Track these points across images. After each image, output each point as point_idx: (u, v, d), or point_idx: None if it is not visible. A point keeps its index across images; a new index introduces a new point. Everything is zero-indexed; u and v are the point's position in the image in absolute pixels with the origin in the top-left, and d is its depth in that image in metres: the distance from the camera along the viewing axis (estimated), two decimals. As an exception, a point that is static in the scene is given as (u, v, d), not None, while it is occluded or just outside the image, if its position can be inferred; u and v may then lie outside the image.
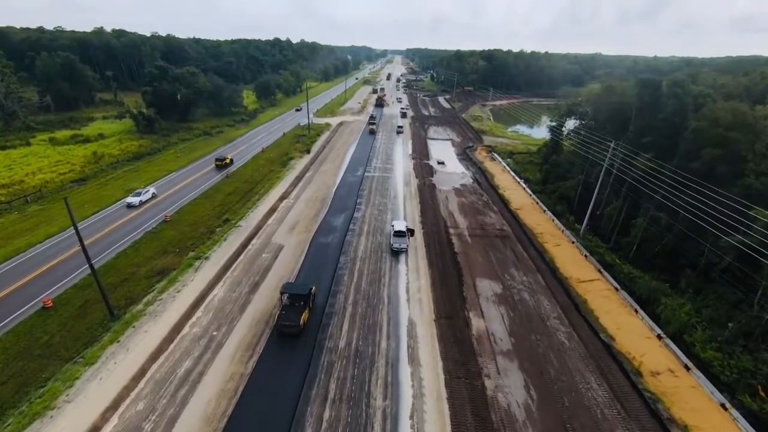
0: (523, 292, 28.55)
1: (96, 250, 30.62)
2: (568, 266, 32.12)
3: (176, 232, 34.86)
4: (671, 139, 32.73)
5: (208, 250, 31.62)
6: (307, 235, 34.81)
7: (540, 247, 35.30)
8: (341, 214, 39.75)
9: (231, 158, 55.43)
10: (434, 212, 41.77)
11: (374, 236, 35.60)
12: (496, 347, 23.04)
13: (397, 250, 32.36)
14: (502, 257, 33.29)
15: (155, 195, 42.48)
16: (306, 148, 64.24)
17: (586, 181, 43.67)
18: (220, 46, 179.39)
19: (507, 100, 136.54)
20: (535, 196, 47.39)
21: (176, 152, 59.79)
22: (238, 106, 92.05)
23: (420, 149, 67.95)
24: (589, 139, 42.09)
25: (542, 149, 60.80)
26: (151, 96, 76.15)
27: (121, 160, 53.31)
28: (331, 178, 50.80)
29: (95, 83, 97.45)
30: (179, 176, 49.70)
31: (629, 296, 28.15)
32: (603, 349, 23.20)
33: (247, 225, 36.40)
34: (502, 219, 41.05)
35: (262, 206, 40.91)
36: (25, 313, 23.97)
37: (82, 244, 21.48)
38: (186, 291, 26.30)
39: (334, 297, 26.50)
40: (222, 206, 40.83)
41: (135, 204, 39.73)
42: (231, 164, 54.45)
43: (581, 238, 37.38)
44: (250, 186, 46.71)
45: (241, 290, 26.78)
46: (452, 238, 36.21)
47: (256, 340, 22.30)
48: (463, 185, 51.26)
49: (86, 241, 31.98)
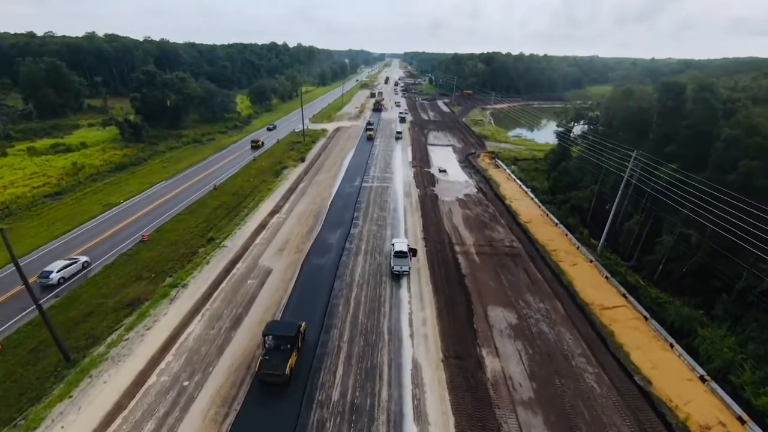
0: (541, 322, 25.29)
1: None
2: (588, 290, 28.91)
3: (154, 253, 31.51)
4: (699, 148, 29.67)
5: (188, 276, 28.27)
6: (299, 256, 31.51)
7: (555, 267, 32.10)
8: (337, 231, 36.49)
9: (262, 141, 69.84)
10: (437, 227, 38.58)
11: (373, 256, 32.33)
12: (516, 395, 19.75)
13: (398, 273, 29.10)
14: (515, 280, 30.05)
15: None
16: (300, 156, 61.07)
17: (601, 192, 40.59)
18: (215, 51, 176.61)
19: (507, 104, 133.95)
20: (545, 207, 44.28)
21: (162, 162, 56.49)
22: (231, 111, 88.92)
23: (420, 156, 64.87)
24: (601, 146, 39.10)
25: (549, 156, 57.72)
26: (140, 102, 73.05)
27: (103, 172, 49.98)
28: (326, 189, 47.58)
29: (83, 89, 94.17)
30: (163, 189, 46.36)
31: (661, 326, 24.96)
32: (640, 396, 19.94)
33: (232, 245, 33.09)
34: (511, 234, 37.87)
35: (250, 222, 37.63)
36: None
37: (26, 282, 18.10)
38: (157, 328, 22.93)
39: (327, 333, 23.19)
40: (207, 223, 37.53)
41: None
42: (262, 146, 68.09)
43: (599, 255, 34.23)
44: (239, 199, 43.42)
45: (221, 326, 23.42)
46: (458, 257, 32.98)
47: (234, 392, 18.94)
48: (467, 195, 48.12)
49: (50, 267, 29.05)
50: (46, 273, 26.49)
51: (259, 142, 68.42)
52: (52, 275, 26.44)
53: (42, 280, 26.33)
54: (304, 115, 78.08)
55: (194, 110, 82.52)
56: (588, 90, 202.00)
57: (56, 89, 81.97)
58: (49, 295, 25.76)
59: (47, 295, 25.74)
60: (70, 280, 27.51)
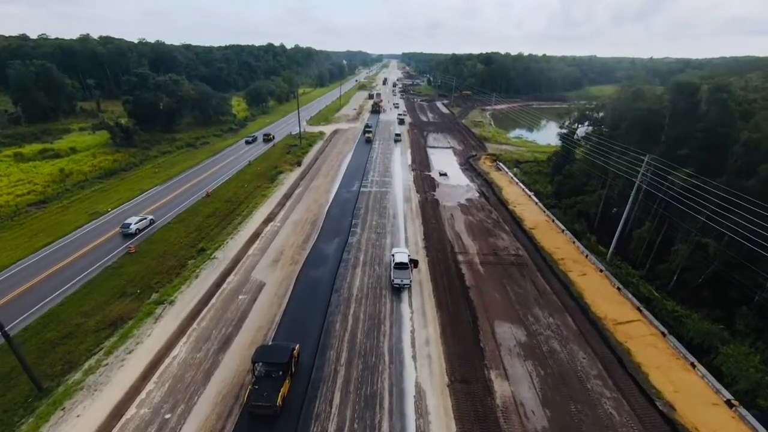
0: (552, 339, 23.68)
1: (36, 296, 25.64)
2: (599, 302, 27.32)
3: (140, 267, 29.79)
4: (715, 151, 28.19)
5: (175, 291, 26.57)
6: (294, 269, 29.83)
7: (563, 277, 30.51)
8: (334, 240, 34.85)
9: (273, 135, 74.84)
10: (439, 234, 36.96)
11: (372, 267, 30.69)
12: (528, 424, 18.12)
13: (399, 286, 27.48)
14: (522, 292, 28.44)
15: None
16: (297, 159, 59.41)
17: (608, 197, 39.08)
18: (211, 52, 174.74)
19: (507, 105, 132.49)
20: (550, 212, 42.70)
21: (154, 167, 54.75)
22: (226, 114, 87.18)
23: (420, 159, 63.28)
24: (608, 149, 37.61)
25: (552, 158, 56.24)
26: (132, 105, 71.35)
27: (91, 178, 48.21)
28: (323, 194, 45.93)
29: (75, 92, 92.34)
30: (153, 196, 44.63)
31: (679, 343, 23.38)
32: (663, 424, 18.33)
33: (224, 256, 31.40)
34: (516, 241, 36.28)
35: (243, 231, 35.94)
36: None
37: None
38: (139, 352, 21.24)
39: (323, 355, 21.52)
40: (198, 232, 35.83)
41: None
42: (273, 138, 73.04)
43: (608, 264, 32.68)
44: (232, 206, 41.73)
45: (209, 348, 21.74)
46: (462, 267, 31.37)
47: (221, 425, 17.25)
48: (469, 200, 46.52)
49: (28, 283, 27.41)
50: (127, 224, 34.70)
51: (271, 135, 74.15)
52: (131, 226, 34.55)
53: (123, 230, 34.50)
54: (301, 118, 76.41)
55: (188, 113, 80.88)
56: (587, 90, 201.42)
57: (47, 92, 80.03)
58: (129, 242, 33.44)
59: (128, 241, 33.51)
60: (144, 231, 35.52)
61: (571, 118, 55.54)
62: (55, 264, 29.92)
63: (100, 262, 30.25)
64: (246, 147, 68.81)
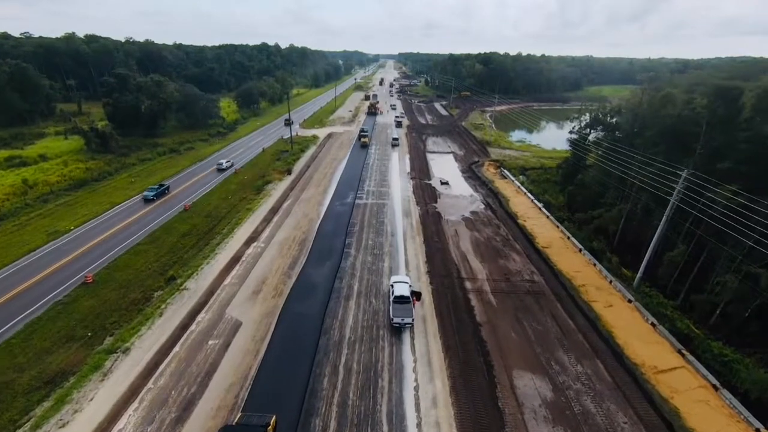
0: (584, 396, 19.70)
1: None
2: (633, 343, 23.40)
3: (96, 301, 25.49)
4: (765, 165, 24.36)
5: (132, 336, 22.31)
6: (276, 302, 25.65)
7: (587, 309, 26.58)
8: (324, 264, 30.71)
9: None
10: (443, 255, 32.93)
11: (367, 299, 26.58)
12: None
13: (399, 325, 23.40)
14: (542, 330, 24.45)
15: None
16: (287, 167, 55.12)
17: (631, 211, 35.23)
18: (202, 52, 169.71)
19: (506, 106, 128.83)
20: (563, 227, 38.83)
21: (131, 176, 50.25)
22: (214, 117, 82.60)
23: (419, 166, 59.23)
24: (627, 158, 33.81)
25: (562, 166, 52.39)
26: (112, 108, 66.73)
27: (58, 190, 43.65)
28: (314, 208, 41.72)
29: (55, 93, 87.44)
30: (124, 210, 40.23)
31: (735, 399, 19.50)
32: None
33: (196, 287, 27.15)
34: (530, 263, 32.33)
35: (222, 254, 31.69)
36: None
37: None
38: (75, 425, 16.96)
39: (306, 426, 17.36)
40: (170, 255, 31.55)
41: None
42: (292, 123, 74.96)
43: (635, 290, 28.81)
44: (213, 223, 37.45)
45: (165, 417, 17.51)
46: (471, 298, 27.35)
47: None
48: (474, 213, 42.53)
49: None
50: (220, 163, 41.27)
51: (289, 121, 75.31)
52: (224, 163, 42.38)
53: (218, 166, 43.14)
54: (294, 120, 72.06)
55: (173, 116, 76.20)
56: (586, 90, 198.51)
57: (22, 94, 75.19)
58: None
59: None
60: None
61: (581, 122, 51.84)
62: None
63: (50, 296, 25.88)
64: (236, 151, 64.53)
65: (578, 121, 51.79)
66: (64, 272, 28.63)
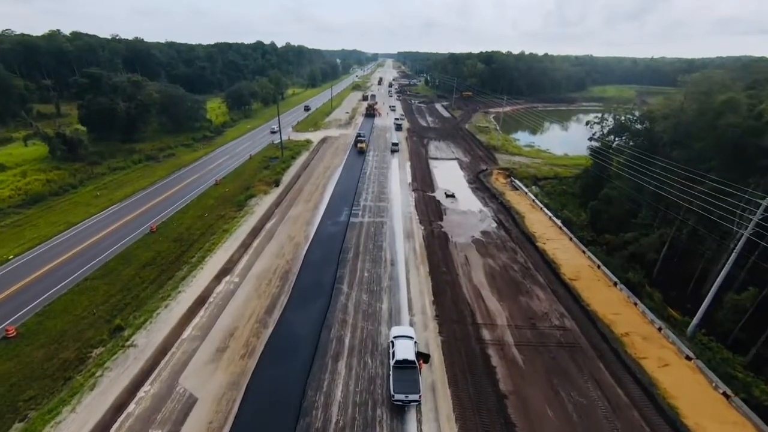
0: None
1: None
2: (704, 422, 18.01)
3: (15, 364, 19.95)
4: None
5: (47, 422, 16.76)
6: (245, 366, 20.14)
7: (638, 370, 21.16)
8: (309, 306, 25.21)
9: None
10: (453, 292, 27.49)
11: (361, 360, 21.09)
12: None
13: (403, 403, 17.95)
14: (584, 402, 19.02)
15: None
16: (275, 177, 49.54)
17: (675, 237, 29.86)
18: (194, 50, 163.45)
19: (510, 107, 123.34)
20: (590, 252, 33.43)
21: (97, 188, 44.57)
22: (200, 120, 76.88)
23: (422, 175, 53.75)
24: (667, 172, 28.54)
25: (582, 177, 47.04)
26: (85, 111, 61.02)
27: (8, 207, 37.99)
28: (301, 229, 36.19)
29: (30, 94, 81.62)
30: (82, 232, 34.63)
31: None
32: None
33: (147, 342, 21.61)
34: (557, 302, 26.91)
35: (186, 293, 26.15)
36: None
37: None
38: None
39: None
40: (123, 294, 26.00)
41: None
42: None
43: (690, 341, 23.46)
44: (182, 249, 31.90)
45: None
46: (491, 354, 21.93)
47: None
48: (486, 234, 37.08)
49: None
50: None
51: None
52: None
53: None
54: (287, 123, 66.48)
55: (154, 119, 70.48)
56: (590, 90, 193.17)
57: (-10, 95, 69.52)
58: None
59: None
60: None
61: (603, 127, 46.52)
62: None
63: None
64: (221, 158, 59.02)
65: (599, 126, 46.53)
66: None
